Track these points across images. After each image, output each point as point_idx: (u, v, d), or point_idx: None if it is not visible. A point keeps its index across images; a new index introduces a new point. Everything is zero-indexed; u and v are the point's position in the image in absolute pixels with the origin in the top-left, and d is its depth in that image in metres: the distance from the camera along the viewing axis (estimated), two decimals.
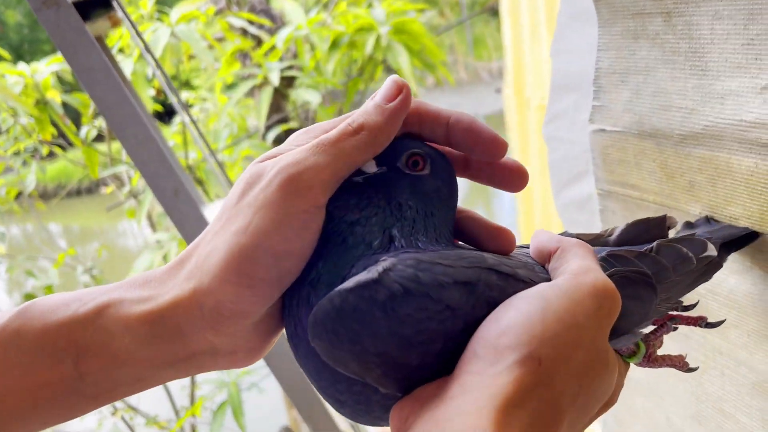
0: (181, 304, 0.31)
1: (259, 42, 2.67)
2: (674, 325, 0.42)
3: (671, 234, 0.44)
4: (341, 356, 0.29)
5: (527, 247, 0.38)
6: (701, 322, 0.42)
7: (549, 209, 1.90)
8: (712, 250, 0.40)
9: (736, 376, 0.51)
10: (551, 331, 0.28)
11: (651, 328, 0.41)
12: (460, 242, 0.38)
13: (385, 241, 0.32)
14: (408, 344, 0.29)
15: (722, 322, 0.42)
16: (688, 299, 0.42)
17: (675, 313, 0.42)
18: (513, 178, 0.35)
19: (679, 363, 0.40)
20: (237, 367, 0.34)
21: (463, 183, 0.39)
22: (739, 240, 0.45)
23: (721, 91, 0.45)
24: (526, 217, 2.10)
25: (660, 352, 0.40)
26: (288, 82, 2.57)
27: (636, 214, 0.57)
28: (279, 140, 2.59)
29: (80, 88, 2.37)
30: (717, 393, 0.53)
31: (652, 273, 0.36)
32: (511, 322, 0.28)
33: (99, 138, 2.53)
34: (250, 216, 0.31)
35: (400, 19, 2.35)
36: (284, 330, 0.34)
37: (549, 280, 0.33)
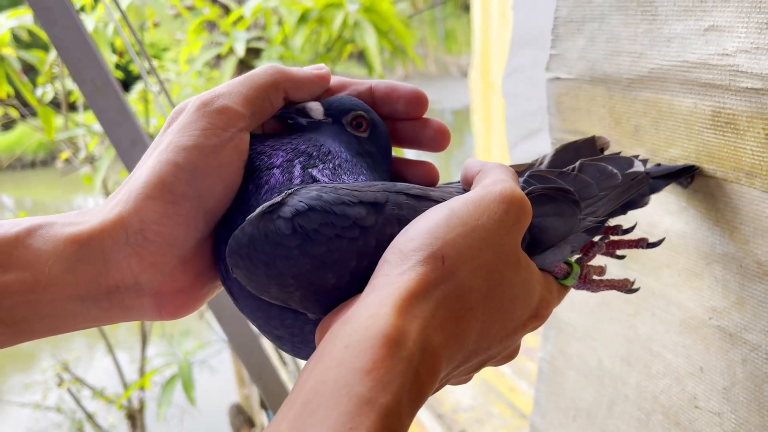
0: (107, 228, 0.31)
1: (227, 11, 2.63)
2: (616, 252, 0.44)
3: None
4: (260, 281, 0.30)
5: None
6: (642, 243, 0.43)
7: None
8: (638, 166, 0.42)
9: (665, 315, 0.53)
10: (454, 233, 0.30)
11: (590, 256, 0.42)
12: None
13: (307, 180, 0.33)
14: (321, 263, 0.30)
15: (662, 240, 0.44)
16: (628, 223, 0.44)
17: (613, 237, 0.44)
18: (436, 137, 0.38)
19: (620, 285, 0.41)
20: (165, 318, 0.34)
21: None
22: (679, 172, 0.47)
23: (668, 34, 0.47)
24: None
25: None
26: (254, 54, 2.54)
27: None
28: None
29: (35, 47, 2.30)
30: (647, 333, 0.55)
31: (574, 189, 0.37)
32: (419, 229, 0.30)
33: (56, 108, 2.46)
34: (171, 137, 0.33)
35: None
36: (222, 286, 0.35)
37: None
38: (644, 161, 0.44)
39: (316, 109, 0.36)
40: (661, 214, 0.52)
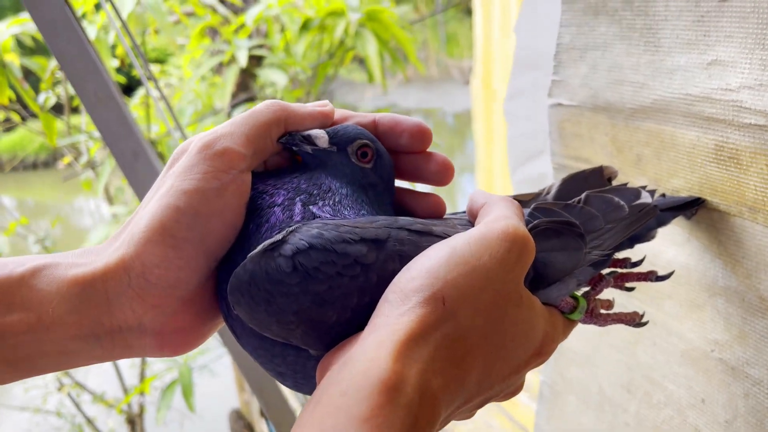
0: (110, 270, 0.31)
1: (228, 19, 2.63)
2: (626, 284, 0.44)
3: None
4: (261, 318, 0.30)
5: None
6: (651, 276, 0.43)
7: None
8: (646, 198, 0.41)
9: (666, 345, 0.53)
10: (455, 273, 0.30)
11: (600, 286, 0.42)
12: None
13: (308, 217, 0.33)
14: (322, 300, 0.30)
15: (672, 273, 0.43)
16: (636, 256, 0.44)
17: (621, 270, 0.44)
18: (440, 171, 0.38)
19: (628, 318, 0.41)
20: (167, 355, 0.34)
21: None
22: (686, 204, 0.46)
23: (671, 66, 0.47)
24: None
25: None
26: (257, 61, 2.54)
27: None
28: None
29: (39, 52, 2.30)
30: (648, 362, 0.55)
31: (580, 222, 0.37)
32: (420, 268, 0.30)
33: (58, 111, 2.46)
34: (173, 180, 0.32)
35: (372, 7, 2.34)
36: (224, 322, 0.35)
37: None
38: (651, 192, 0.44)
39: (321, 137, 0.36)
40: (666, 245, 0.51)
